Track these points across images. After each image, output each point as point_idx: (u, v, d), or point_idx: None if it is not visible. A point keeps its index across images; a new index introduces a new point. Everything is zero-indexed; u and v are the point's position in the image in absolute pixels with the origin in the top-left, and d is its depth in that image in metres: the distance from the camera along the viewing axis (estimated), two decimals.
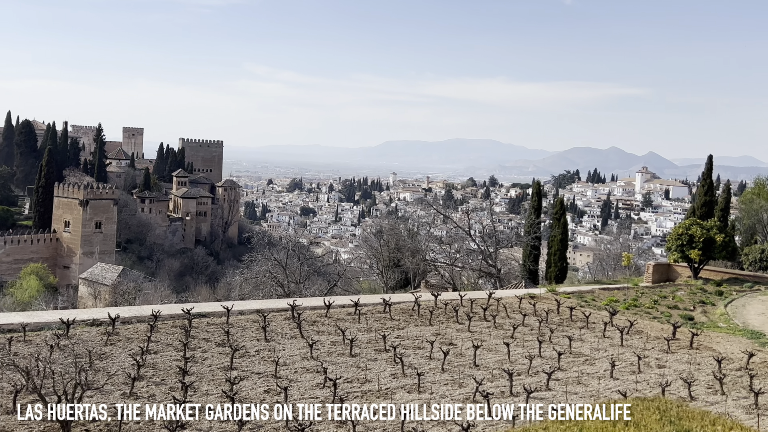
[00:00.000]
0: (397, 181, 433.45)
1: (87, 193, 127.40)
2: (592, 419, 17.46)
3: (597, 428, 16.87)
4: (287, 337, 26.40)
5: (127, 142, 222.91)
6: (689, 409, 18.72)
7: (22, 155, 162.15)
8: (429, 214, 79.49)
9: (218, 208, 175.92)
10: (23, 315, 28.28)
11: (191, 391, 19.52)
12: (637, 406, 18.54)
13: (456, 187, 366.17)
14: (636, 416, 17.66)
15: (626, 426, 16.99)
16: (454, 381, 21.90)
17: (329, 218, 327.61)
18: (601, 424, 17.08)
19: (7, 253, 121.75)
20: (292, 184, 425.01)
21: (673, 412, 18.10)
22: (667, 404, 18.88)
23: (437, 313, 32.01)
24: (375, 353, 24.71)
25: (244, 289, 58.98)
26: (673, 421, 17.49)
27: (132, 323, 26.63)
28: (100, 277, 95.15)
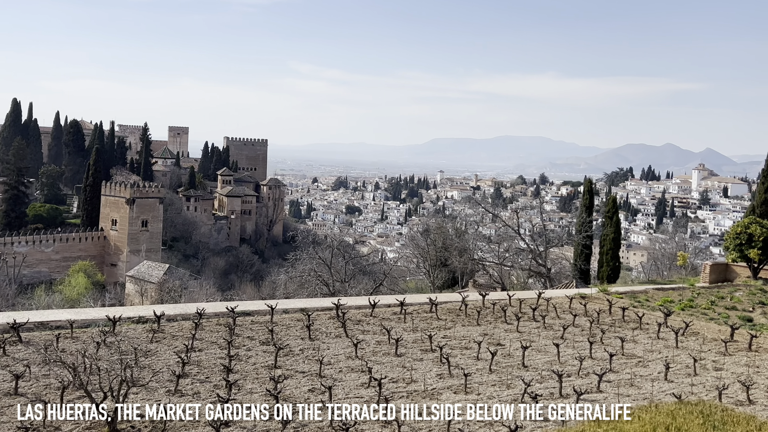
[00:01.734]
0: (444, 179, 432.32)
1: (133, 191, 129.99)
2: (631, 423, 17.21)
3: (636, 431, 16.62)
4: (332, 336, 26.51)
5: (173, 141, 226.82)
6: (735, 414, 18.30)
7: (71, 155, 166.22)
8: (477, 213, 79.19)
9: (263, 206, 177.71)
10: (71, 312, 28.95)
11: (235, 389, 19.74)
12: (679, 409, 18.20)
13: (505, 185, 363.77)
14: (678, 420, 17.35)
15: (666, 431, 16.70)
16: (501, 382, 21.74)
17: (375, 217, 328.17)
18: (642, 428, 16.81)
19: (56, 251, 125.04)
20: (337, 183, 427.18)
21: (717, 417, 17.72)
22: (711, 408, 18.48)
23: (485, 313, 31.82)
24: (421, 353, 24.67)
25: (289, 287, 59.48)
26: (716, 426, 17.13)
27: (177, 321, 27.05)
28: (146, 274, 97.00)
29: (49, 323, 25.18)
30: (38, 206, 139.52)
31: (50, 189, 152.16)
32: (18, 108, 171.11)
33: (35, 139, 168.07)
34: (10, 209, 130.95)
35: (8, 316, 25.67)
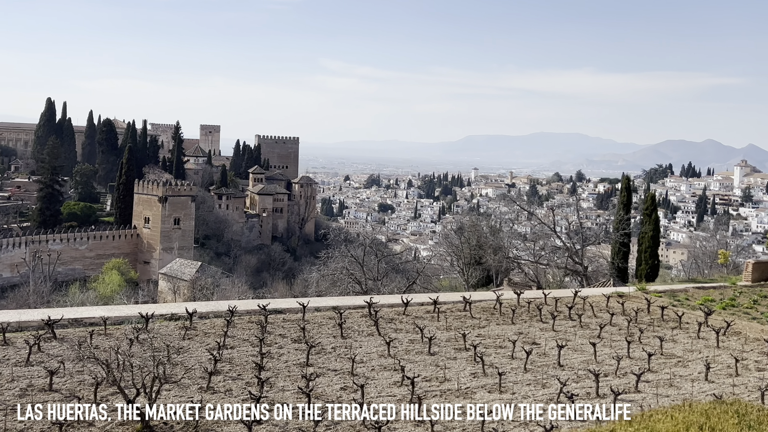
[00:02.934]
0: (478, 177, 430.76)
1: (166, 189, 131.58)
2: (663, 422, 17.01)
3: (669, 431, 16.42)
4: (364, 334, 26.56)
5: (204, 139, 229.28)
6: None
7: (104, 153, 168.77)
8: (512, 211, 78.69)
9: (294, 204, 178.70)
10: (105, 309, 29.41)
11: (267, 387, 19.87)
12: (714, 409, 17.93)
13: (541, 182, 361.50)
14: (712, 420, 17.10)
15: (700, 430, 16.47)
16: (537, 381, 21.60)
17: (408, 215, 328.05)
18: (674, 428, 16.60)
19: (90, 249, 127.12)
20: (369, 180, 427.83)
21: (752, 416, 17.43)
22: (746, 408, 18.17)
23: (520, 311, 31.64)
24: (454, 352, 24.61)
25: (321, 285, 59.69)
26: (752, 425, 16.85)
27: (209, 318, 27.32)
28: (178, 272, 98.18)
29: (83, 320, 25.59)
30: (72, 204, 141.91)
31: (84, 187, 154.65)
32: (52, 107, 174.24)
33: (69, 138, 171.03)
34: (45, 207, 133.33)
35: (43, 312, 26.15)
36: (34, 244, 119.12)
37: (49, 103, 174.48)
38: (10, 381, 19.35)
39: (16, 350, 21.88)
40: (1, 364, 20.62)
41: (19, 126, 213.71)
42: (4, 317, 25.20)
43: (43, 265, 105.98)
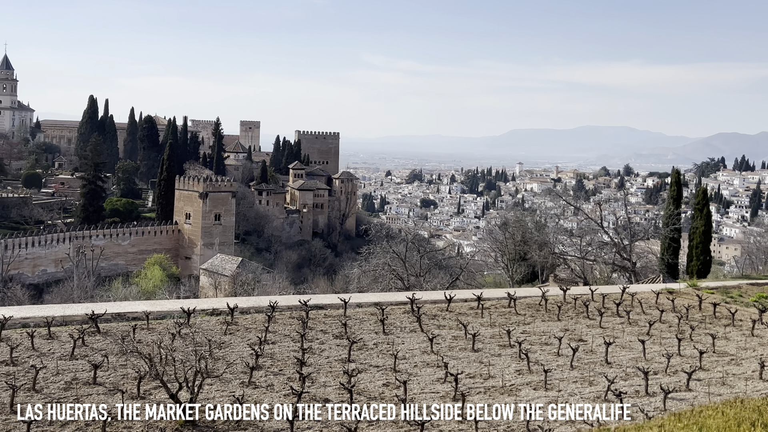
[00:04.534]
0: (523, 172, 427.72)
1: (206, 185, 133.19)
2: (714, 417, 16.71)
3: (720, 428, 16.12)
4: (406, 330, 26.57)
5: (245, 135, 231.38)
6: None
7: (145, 150, 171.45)
8: (558, 206, 77.98)
9: (335, 200, 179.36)
10: (147, 304, 29.92)
11: (309, 383, 20.01)
12: (767, 405, 17.57)
13: (587, 176, 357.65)
14: (765, 416, 16.75)
15: (752, 427, 16.14)
16: (583, 379, 21.40)
17: (451, 210, 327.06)
18: (725, 424, 16.31)
19: (132, 244, 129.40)
20: (411, 176, 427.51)
21: None
22: None
23: (566, 308, 31.36)
24: (499, 348, 24.51)
25: (363, 281, 59.81)
26: None
27: (250, 313, 27.61)
28: (219, 267, 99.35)
29: (126, 315, 26.07)
30: (115, 200, 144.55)
31: (126, 183, 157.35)
32: (95, 105, 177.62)
33: (111, 135, 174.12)
34: (88, 203, 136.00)
35: (87, 307, 26.69)
36: (78, 239, 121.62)
37: (92, 100, 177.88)
38: (56, 374, 19.82)
39: (61, 344, 22.38)
40: (46, 357, 21.12)
41: (62, 123, 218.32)
42: (49, 312, 25.80)
43: (86, 261, 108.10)
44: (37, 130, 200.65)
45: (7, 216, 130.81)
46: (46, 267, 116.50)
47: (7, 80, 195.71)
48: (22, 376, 19.39)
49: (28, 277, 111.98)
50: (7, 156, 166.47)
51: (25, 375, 19.49)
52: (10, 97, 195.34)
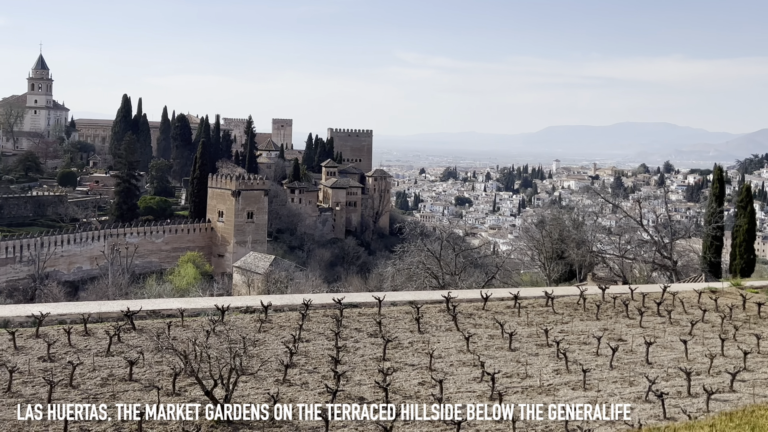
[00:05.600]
0: (560, 169, 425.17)
1: (239, 184, 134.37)
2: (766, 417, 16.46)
3: None
4: (442, 329, 26.54)
5: (277, 133, 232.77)
6: None
7: (178, 148, 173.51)
8: (596, 203, 77.39)
9: (368, 198, 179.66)
10: (181, 301, 30.26)
11: (344, 381, 20.09)
12: None
13: (626, 174, 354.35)
14: None
15: None
16: (623, 379, 21.20)
17: (486, 208, 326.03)
18: None
19: (166, 242, 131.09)
20: (445, 173, 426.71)
21: None
22: None
23: (605, 307, 31.07)
24: (536, 348, 24.37)
25: (397, 280, 59.92)
26: None
27: (284, 311, 27.78)
28: (252, 265, 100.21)
29: (160, 312, 26.41)
30: (148, 198, 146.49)
31: (159, 182, 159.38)
32: (128, 104, 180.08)
33: (145, 133, 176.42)
34: (122, 201, 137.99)
35: (122, 304, 27.09)
36: (112, 237, 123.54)
37: (125, 99, 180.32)
38: (92, 370, 20.15)
39: (97, 340, 22.75)
40: (83, 353, 21.48)
41: (96, 122, 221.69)
42: (85, 308, 26.23)
43: (120, 258, 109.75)
44: (72, 129, 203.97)
45: (43, 214, 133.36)
46: (82, 264, 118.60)
47: (43, 80, 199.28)
48: (59, 372, 19.76)
49: (64, 274, 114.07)
50: (42, 155, 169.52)
51: (63, 371, 19.85)
52: (45, 97, 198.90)
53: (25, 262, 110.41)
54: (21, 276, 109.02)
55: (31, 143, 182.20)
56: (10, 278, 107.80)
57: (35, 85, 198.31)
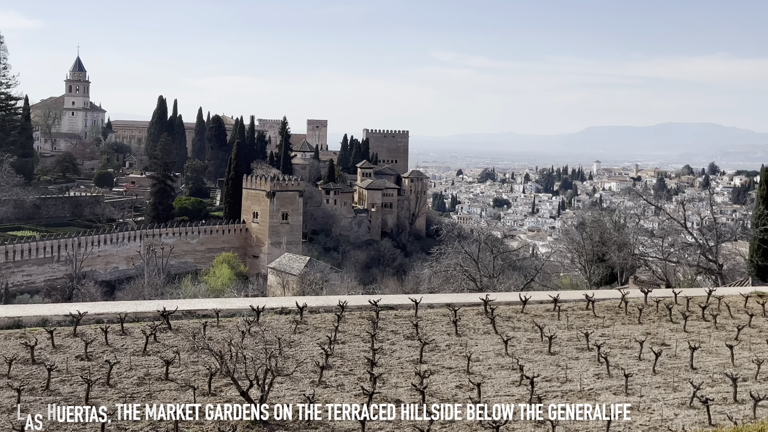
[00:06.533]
0: (601, 170, 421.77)
1: (273, 185, 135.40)
2: None
3: None
4: (480, 332, 26.45)
5: (312, 134, 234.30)
6: None
7: (213, 149, 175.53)
8: (638, 205, 76.70)
9: (405, 199, 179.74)
10: (216, 301, 30.55)
11: (380, 383, 20.11)
12: None
13: (669, 175, 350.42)
14: None
15: None
16: (667, 384, 20.94)
17: (525, 210, 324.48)
18: None
19: (201, 242, 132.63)
20: (483, 175, 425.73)
21: None
22: None
23: (647, 311, 30.69)
24: (576, 352, 24.18)
25: (434, 282, 59.88)
26: None
27: (319, 312, 27.89)
28: (287, 267, 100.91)
29: (196, 312, 26.68)
30: (184, 199, 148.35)
31: (194, 182, 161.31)
32: (164, 105, 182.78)
33: (180, 134, 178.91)
34: (158, 202, 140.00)
35: (158, 304, 27.42)
36: (148, 237, 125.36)
37: (161, 101, 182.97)
38: (129, 369, 20.45)
39: (133, 340, 23.08)
40: (119, 352, 21.81)
41: (132, 124, 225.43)
42: (122, 308, 26.62)
43: (156, 258, 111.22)
44: (108, 130, 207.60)
45: (80, 214, 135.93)
46: (118, 264, 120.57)
47: (80, 82, 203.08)
48: (96, 371, 20.08)
49: (101, 274, 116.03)
50: (80, 156, 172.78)
51: (100, 370, 20.17)
52: (82, 99, 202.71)
53: (62, 261, 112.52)
54: (59, 275, 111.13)
55: (68, 144, 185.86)
56: (48, 278, 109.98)
57: (73, 87, 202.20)
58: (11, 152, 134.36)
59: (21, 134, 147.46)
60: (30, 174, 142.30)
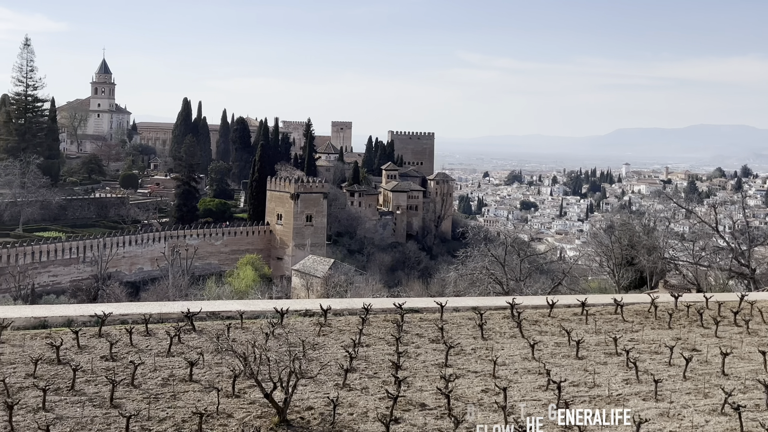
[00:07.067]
0: (630, 173, 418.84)
1: (297, 186, 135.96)
2: None
3: None
4: (506, 336, 26.34)
5: (336, 136, 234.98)
6: None
7: (237, 151, 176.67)
8: (668, 209, 76.00)
9: (430, 201, 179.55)
10: (240, 303, 30.69)
11: (405, 386, 20.11)
12: None
13: (700, 178, 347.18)
14: None
15: None
16: (697, 390, 20.72)
17: (553, 213, 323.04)
18: None
19: (225, 244, 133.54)
20: (510, 177, 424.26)
21: None
22: None
23: (677, 315, 30.39)
24: (604, 356, 24.00)
25: (459, 285, 59.82)
26: None
27: (343, 315, 27.93)
28: (311, 269, 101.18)
29: (220, 313, 26.84)
30: (208, 201, 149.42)
31: (219, 184, 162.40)
32: (188, 107, 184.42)
33: (204, 136, 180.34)
34: (182, 204, 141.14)
35: (182, 305, 27.62)
36: (173, 239, 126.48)
37: (185, 103, 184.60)
38: (153, 370, 20.63)
39: (158, 341, 23.28)
40: (144, 353, 22.01)
41: (157, 125, 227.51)
42: (146, 309, 26.84)
43: (180, 260, 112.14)
44: (133, 132, 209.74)
45: (105, 215, 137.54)
46: (143, 265, 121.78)
47: (106, 84, 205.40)
48: (121, 372, 20.29)
49: (126, 275, 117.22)
50: (105, 157, 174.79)
51: (124, 370, 20.38)
52: (108, 101, 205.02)
53: (88, 262, 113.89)
54: (84, 276, 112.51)
55: (94, 146, 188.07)
56: (74, 278, 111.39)
57: (98, 89, 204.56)
58: (38, 154, 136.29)
59: (47, 136, 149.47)
60: (56, 175, 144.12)
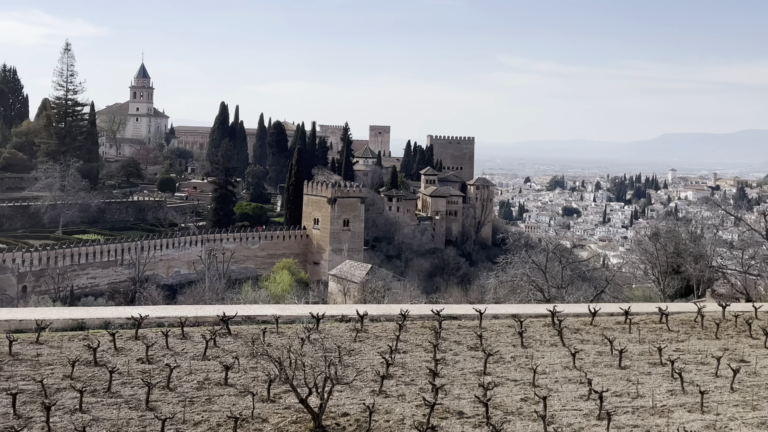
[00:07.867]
0: (676, 179, 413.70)
1: (335, 191, 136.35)
2: None
3: None
4: (546, 344, 26.16)
5: (374, 140, 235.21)
6: None
7: (274, 155, 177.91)
8: (716, 216, 74.91)
9: (470, 207, 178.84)
10: (276, 308, 30.90)
11: (442, 394, 20.06)
12: None
13: (750, 184, 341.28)
14: None
15: None
16: (745, 402, 20.36)
17: (596, 219, 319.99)
18: None
19: (262, 248, 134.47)
20: (552, 182, 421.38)
21: None
22: None
23: (725, 326, 29.90)
24: (648, 366, 23.71)
25: (499, 292, 59.43)
26: None
27: (380, 321, 27.95)
28: (348, 274, 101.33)
29: (255, 317, 27.05)
30: (244, 205, 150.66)
31: (255, 188, 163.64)
32: (225, 111, 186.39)
33: (241, 140, 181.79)
34: (219, 207, 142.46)
35: (218, 309, 27.90)
36: (209, 242, 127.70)
37: (223, 107, 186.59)
38: (188, 374, 20.85)
39: (193, 344, 23.53)
40: (180, 356, 22.25)
41: (194, 129, 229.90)
42: (182, 312, 27.16)
43: (217, 263, 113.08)
44: (171, 135, 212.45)
45: (143, 219, 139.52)
46: (180, 269, 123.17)
47: (144, 88, 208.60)
48: (157, 374, 20.54)
49: (163, 278, 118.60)
50: (143, 161, 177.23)
51: (160, 373, 20.62)
52: (146, 105, 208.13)
53: (125, 265, 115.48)
54: (122, 279, 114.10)
55: (132, 149, 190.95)
56: (112, 281, 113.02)
57: (137, 94, 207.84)
58: (77, 157, 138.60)
59: (87, 139, 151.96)
60: (95, 179, 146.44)
